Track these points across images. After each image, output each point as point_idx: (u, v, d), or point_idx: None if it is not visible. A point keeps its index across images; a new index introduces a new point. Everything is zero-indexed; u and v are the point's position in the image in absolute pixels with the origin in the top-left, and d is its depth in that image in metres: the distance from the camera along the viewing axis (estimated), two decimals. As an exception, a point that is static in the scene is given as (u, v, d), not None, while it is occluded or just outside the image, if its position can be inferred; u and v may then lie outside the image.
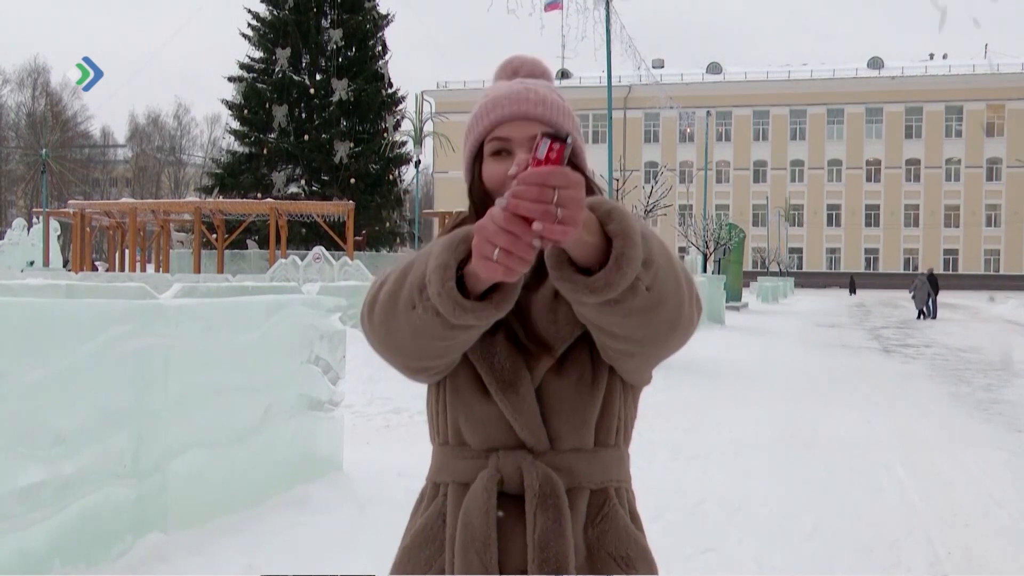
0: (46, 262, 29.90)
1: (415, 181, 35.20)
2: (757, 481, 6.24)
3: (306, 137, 34.74)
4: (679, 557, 4.47)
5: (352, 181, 34.41)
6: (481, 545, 1.40)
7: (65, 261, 35.67)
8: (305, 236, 33.34)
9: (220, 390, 4.71)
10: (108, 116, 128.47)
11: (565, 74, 73.16)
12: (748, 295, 39.47)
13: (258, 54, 36.44)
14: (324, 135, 34.84)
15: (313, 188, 35.62)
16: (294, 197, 34.54)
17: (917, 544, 4.86)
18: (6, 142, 73.57)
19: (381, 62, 36.51)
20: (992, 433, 8.50)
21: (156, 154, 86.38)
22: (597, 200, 1.27)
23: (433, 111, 37.29)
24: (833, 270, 78.85)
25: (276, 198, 32.97)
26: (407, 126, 33.56)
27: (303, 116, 35.73)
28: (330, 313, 5.89)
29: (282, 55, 35.18)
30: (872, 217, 79.46)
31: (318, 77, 35.70)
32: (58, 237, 32.42)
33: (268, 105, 35.07)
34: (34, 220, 34.42)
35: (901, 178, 78.99)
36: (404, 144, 34.88)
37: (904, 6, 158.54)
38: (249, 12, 36.13)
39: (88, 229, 33.73)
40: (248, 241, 34.71)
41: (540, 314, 1.44)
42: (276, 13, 35.64)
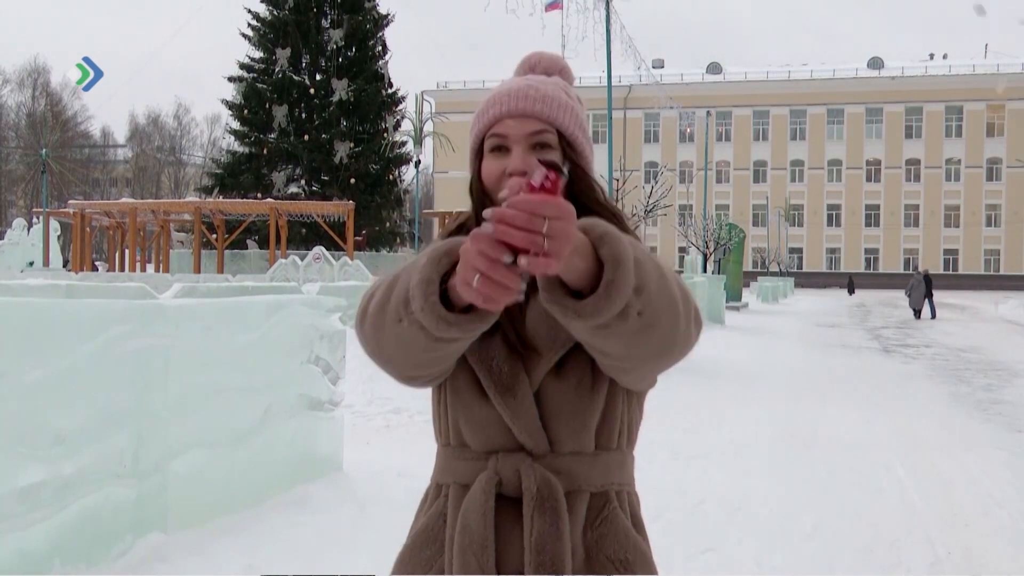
0: (46, 262, 29.88)
1: (415, 181, 35.21)
2: (757, 481, 6.24)
3: (306, 137, 34.75)
4: (679, 557, 4.47)
5: (352, 181, 34.42)
6: (479, 547, 1.40)
7: (65, 261, 35.65)
8: (305, 236, 33.35)
9: (220, 390, 4.71)
10: (108, 116, 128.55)
11: (565, 74, 73.06)
12: (748, 295, 39.46)
13: (258, 54, 36.45)
14: (324, 135, 34.85)
15: (313, 188, 35.62)
16: (294, 197, 34.55)
17: (917, 544, 4.86)
18: (6, 142, 73.57)
19: (381, 62, 36.52)
20: (992, 433, 8.50)
21: (156, 154, 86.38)
22: (591, 223, 1.25)
23: (433, 111, 37.30)
24: (833, 270, 78.83)
25: (276, 198, 32.98)
26: (407, 126, 33.58)
27: (303, 116, 35.74)
28: (330, 313, 5.89)
29: (282, 55, 35.20)
30: (872, 217, 79.46)
31: (318, 77, 35.72)
32: (58, 237, 32.39)
33: (268, 105, 35.08)
34: (34, 220, 34.41)
35: (901, 178, 78.99)
36: (404, 144, 34.90)
37: (904, 6, 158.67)
38: (249, 12, 36.15)
39: (88, 229, 33.75)
40: (248, 241, 34.72)
41: (539, 318, 1.42)
42: (276, 13, 35.65)
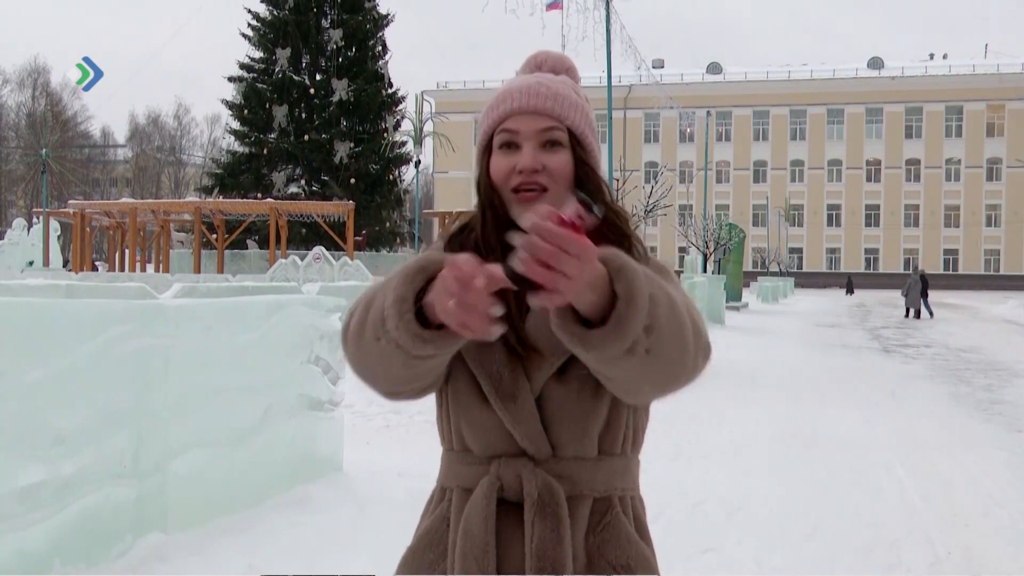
0: (46, 262, 29.87)
1: (415, 181, 35.23)
2: (757, 481, 6.24)
3: (306, 137, 34.75)
4: (679, 557, 4.47)
5: (352, 181, 34.42)
6: (480, 552, 1.40)
7: (65, 261, 35.64)
8: (305, 236, 33.34)
9: (220, 390, 4.71)
10: (108, 116, 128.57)
11: (565, 74, 73.09)
12: (748, 295, 39.47)
13: (258, 54, 36.45)
14: (324, 135, 34.84)
15: (313, 188, 35.62)
16: (294, 197, 34.54)
17: (917, 544, 4.86)
18: (6, 142, 73.57)
19: (381, 62, 36.52)
20: (992, 433, 8.50)
21: (156, 154, 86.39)
22: (611, 253, 1.24)
23: (433, 111, 37.33)
24: (833, 270, 78.83)
25: (276, 198, 32.98)
26: (407, 126, 33.59)
27: (303, 116, 35.74)
28: (330, 313, 5.88)
29: (282, 55, 35.19)
30: (872, 217, 79.46)
31: (318, 77, 35.71)
32: (58, 237, 32.38)
33: (268, 105, 35.08)
34: (34, 220, 34.40)
35: (901, 178, 79.00)
36: (404, 144, 34.89)
37: (904, 6, 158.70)
38: (249, 12, 36.15)
39: (88, 229, 33.74)
40: (248, 241, 34.72)
41: (541, 321, 1.41)
42: (276, 13, 35.65)
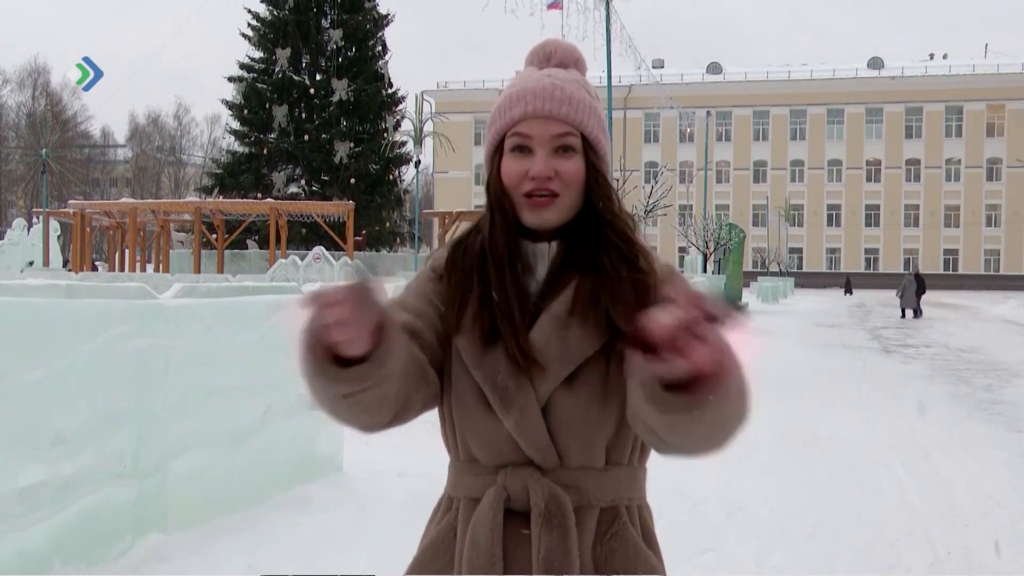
0: (46, 262, 29.88)
1: (415, 181, 35.21)
2: (757, 481, 6.23)
3: (306, 137, 34.77)
4: (679, 557, 4.47)
5: (352, 181, 34.44)
6: (487, 563, 1.39)
7: (65, 261, 35.65)
8: (305, 236, 33.35)
9: (220, 390, 4.70)
10: (108, 116, 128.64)
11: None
12: (748, 295, 39.46)
13: (258, 54, 36.47)
14: (324, 135, 34.86)
15: (313, 188, 35.64)
16: (294, 197, 34.57)
17: (917, 544, 4.86)
18: (6, 142, 73.60)
19: (381, 62, 36.55)
20: (992, 433, 8.50)
21: (156, 154, 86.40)
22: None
23: (433, 111, 37.32)
24: (833, 270, 78.81)
25: (276, 198, 33.00)
26: (407, 126, 33.58)
27: (303, 116, 35.75)
28: (330, 313, 5.88)
29: (282, 55, 35.21)
30: (872, 217, 79.44)
31: (318, 77, 35.73)
32: (58, 237, 32.41)
33: (268, 105, 35.10)
34: (34, 220, 34.41)
35: (901, 178, 78.98)
36: (404, 144, 34.91)
37: (904, 6, 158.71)
38: (249, 12, 36.18)
39: (88, 229, 33.76)
40: (248, 241, 34.74)
41: (551, 331, 1.39)
42: (276, 13, 35.67)
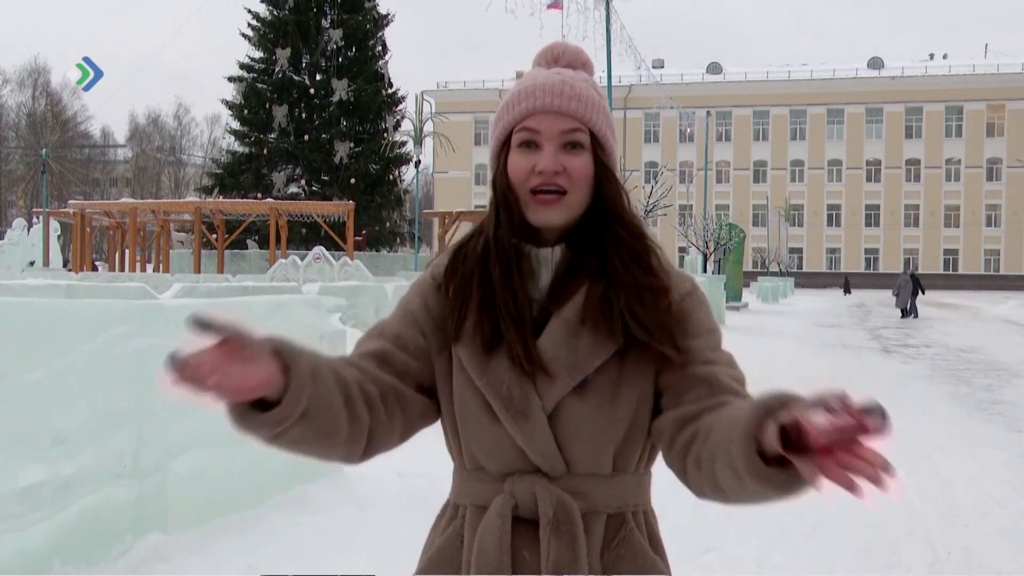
0: (46, 262, 29.89)
1: (415, 181, 35.23)
2: (757, 481, 6.23)
3: (306, 137, 34.77)
4: (680, 558, 4.46)
5: (352, 181, 34.44)
6: (495, 570, 1.38)
7: (65, 261, 35.67)
8: (305, 236, 33.36)
9: (220, 390, 4.69)
10: (108, 116, 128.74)
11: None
12: (748, 295, 39.48)
13: (258, 54, 36.47)
14: (324, 135, 34.86)
15: (313, 188, 35.64)
16: (294, 197, 34.57)
17: (917, 544, 4.86)
18: (6, 142, 73.62)
19: (381, 62, 36.55)
20: (992, 433, 8.50)
21: (156, 154, 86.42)
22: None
23: (433, 111, 37.35)
24: (833, 270, 78.84)
25: (276, 198, 33.00)
26: (407, 126, 33.60)
27: (303, 116, 35.76)
28: (330, 313, 5.89)
29: (282, 55, 35.21)
30: (872, 217, 79.47)
31: (318, 77, 35.73)
32: (58, 237, 32.42)
33: (268, 105, 35.10)
34: (34, 220, 34.42)
35: (901, 178, 79.00)
36: (404, 144, 34.92)
37: (904, 6, 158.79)
38: (249, 12, 36.18)
39: (88, 229, 33.77)
40: (248, 241, 34.74)
41: (560, 339, 1.39)
42: (276, 13, 35.67)
